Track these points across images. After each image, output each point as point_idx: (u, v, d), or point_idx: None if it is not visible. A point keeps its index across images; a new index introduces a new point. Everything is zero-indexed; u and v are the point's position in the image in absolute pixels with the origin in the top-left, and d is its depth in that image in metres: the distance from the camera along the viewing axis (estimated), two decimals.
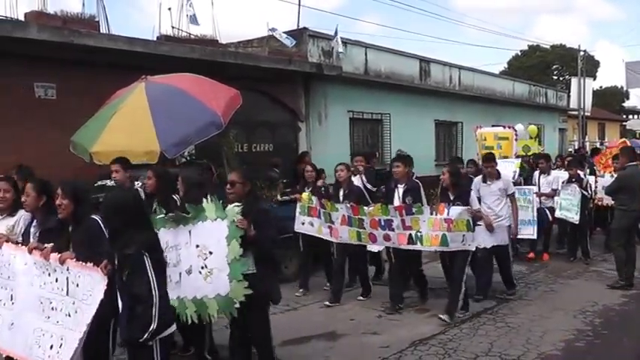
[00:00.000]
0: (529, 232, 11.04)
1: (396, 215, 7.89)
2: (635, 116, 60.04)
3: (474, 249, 7.85)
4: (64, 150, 9.10)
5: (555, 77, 57.58)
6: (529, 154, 15.73)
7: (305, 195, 9.11)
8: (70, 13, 10.86)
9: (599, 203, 13.02)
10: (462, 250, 7.75)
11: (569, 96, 33.45)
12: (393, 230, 7.96)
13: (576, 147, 29.68)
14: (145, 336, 4.04)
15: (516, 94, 27.11)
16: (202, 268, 5.32)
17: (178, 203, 6.33)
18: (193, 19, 13.27)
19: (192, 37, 13.29)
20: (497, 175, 9.23)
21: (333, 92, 16.90)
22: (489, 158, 9.44)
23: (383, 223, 8.02)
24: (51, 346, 4.33)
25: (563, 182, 11.86)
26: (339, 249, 8.97)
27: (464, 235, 7.65)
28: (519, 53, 58.97)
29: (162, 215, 5.73)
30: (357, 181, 9.86)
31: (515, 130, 13.70)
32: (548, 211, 11.87)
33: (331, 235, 8.70)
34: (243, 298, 5.17)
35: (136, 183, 7.57)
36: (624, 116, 56.81)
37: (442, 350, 6.87)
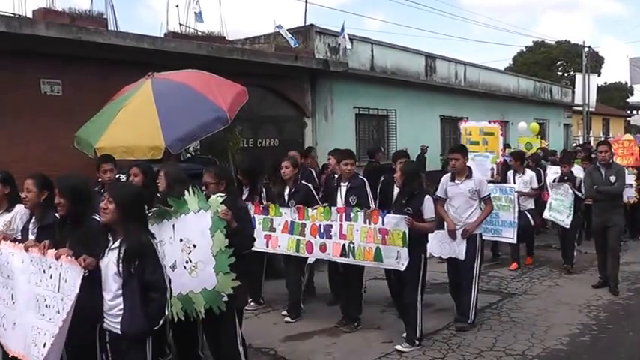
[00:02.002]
0: (509, 235, 9.80)
1: (337, 219, 7.14)
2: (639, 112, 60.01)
3: (403, 269, 6.58)
4: (69, 145, 9.18)
5: (560, 73, 57.40)
6: (531, 151, 15.63)
7: None
8: (79, 10, 10.98)
9: None
10: (413, 265, 6.62)
11: (573, 92, 33.49)
12: (330, 238, 7.19)
13: (581, 142, 29.64)
14: (161, 322, 4.07)
15: (521, 90, 27.12)
16: (187, 262, 5.17)
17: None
18: (199, 17, 13.33)
19: (199, 34, 13.35)
20: (469, 173, 7.66)
21: (340, 88, 16.95)
22: (455, 149, 7.85)
23: (322, 230, 7.27)
24: (44, 344, 4.30)
25: (554, 180, 10.90)
26: (285, 260, 8.13)
27: (398, 251, 6.58)
28: (524, 49, 58.83)
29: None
30: None
31: (502, 125, 12.84)
32: (529, 215, 10.59)
33: (268, 245, 7.77)
34: (231, 290, 5.07)
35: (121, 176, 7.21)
36: (628, 112, 56.83)
37: (446, 345, 6.86)
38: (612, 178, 8.92)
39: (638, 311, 8.17)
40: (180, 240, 5.24)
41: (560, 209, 10.45)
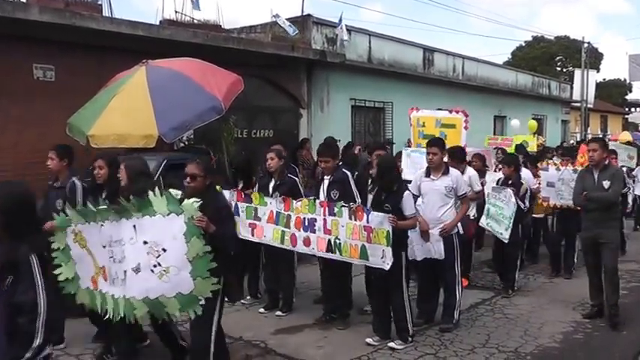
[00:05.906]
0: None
1: (320, 214, 6.91)
2: (638, 109, 60.00)
3: (387, 268, 6.29)
4: (62, 132, 9.06)
5: (559, 69, 57.38)
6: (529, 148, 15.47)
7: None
8: None
9: (545, 204, 10.15)
10: (396, 264, 6.36)
11: (572, 88, 33.40)
12: (314, 232, 6.97)
13: (578, 139, 29.60)
14: (27, 355, 3.41)
15: (519, 85, 27.05)
16: (155, 266, 4.89)
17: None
18: (195, 4, 13.21)
19: (195, 21, 13.24)
20: (445, 169, 7.27)
21: (336, 80, 16.85)
22: (432, 142, 7.36)
23: (307, 223, 7.05)
24: None
25: (498, 182, 9.22)
26: (268, 253, 8.07)
27: (383, 250, 6.32)
28: (523, 44, 58.77)
29: (104, 206, 5.21)
30: None
31: (467, 116, 10.26)
32: (460, 222, 8.12)
33: (253, 234, 7.51)
34: (210, 294, 4.93)
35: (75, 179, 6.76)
36: (627, 109, 56.84)
37: (438, 341, 6.83)
38: (606, 183, 7.42)
39: (633, 310, 8.13)
40: (145, 242, 4.95)
41: (498, 218, 8.66)
